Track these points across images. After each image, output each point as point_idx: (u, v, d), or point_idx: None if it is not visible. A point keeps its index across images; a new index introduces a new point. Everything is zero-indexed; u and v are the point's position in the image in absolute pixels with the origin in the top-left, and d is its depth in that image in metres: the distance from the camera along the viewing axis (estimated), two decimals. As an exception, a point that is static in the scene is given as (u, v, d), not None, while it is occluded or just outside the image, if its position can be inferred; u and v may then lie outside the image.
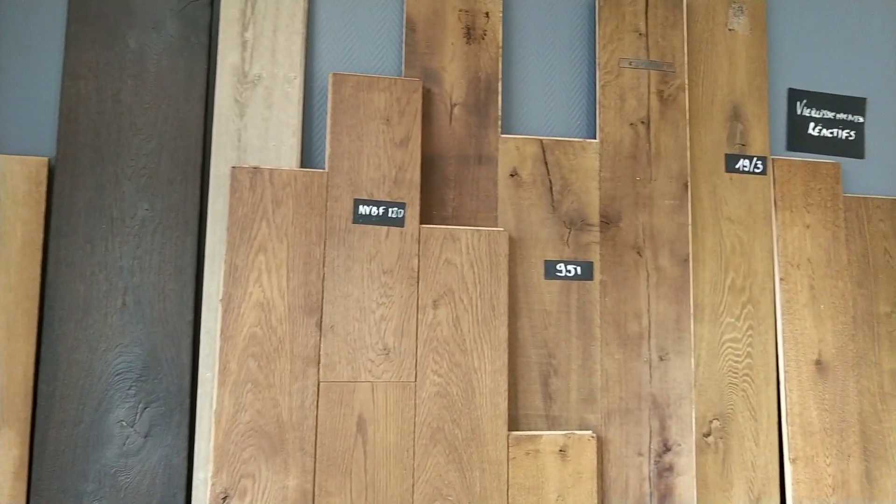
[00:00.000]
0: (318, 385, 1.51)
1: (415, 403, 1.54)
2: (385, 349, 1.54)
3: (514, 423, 1.63)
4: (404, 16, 1.70)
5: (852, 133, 1.97)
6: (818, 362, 1.81)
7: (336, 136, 1.58)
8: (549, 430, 1.64)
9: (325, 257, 1.55)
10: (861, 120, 1.98)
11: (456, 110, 1.69)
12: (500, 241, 1.62)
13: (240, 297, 1.51)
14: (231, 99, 1.59)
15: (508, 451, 1.57)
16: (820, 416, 1.79)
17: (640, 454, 1.67)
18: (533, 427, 1.64)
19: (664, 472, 1.67)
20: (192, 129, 1.58)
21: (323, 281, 1.54)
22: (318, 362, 1.52)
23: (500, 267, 1.62)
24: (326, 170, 1.57)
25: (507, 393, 1.58)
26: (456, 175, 1.67)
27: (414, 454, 1.53)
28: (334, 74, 1.60)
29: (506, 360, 1.59)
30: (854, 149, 1.97)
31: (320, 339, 1.52)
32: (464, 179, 1.67)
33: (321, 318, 1.53)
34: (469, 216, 1.67)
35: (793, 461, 1.76)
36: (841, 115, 1.96)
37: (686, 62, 1.81)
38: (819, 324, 1.83)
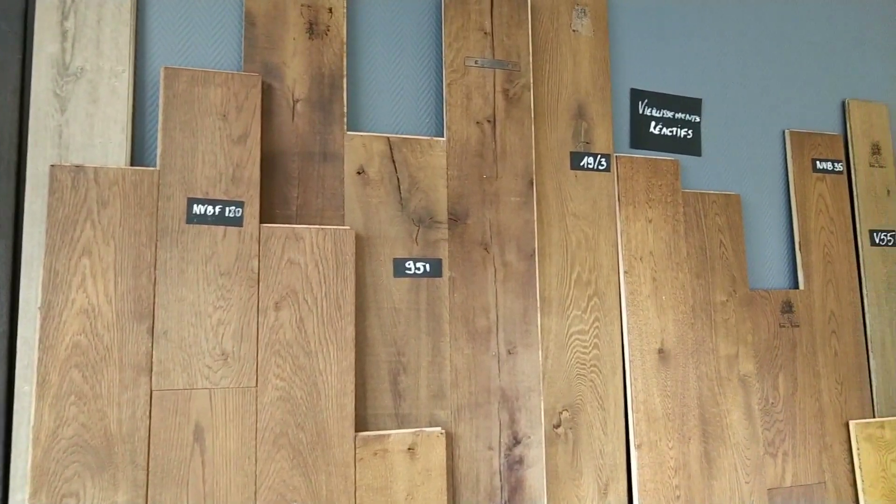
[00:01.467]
0: (151, 394, 1.44)
1: (256, 409, 1.49)
2: (223, 354, 1.48)
3: (362, 424, 1.60)
4: (243, 9, 1.64)
5: (690, 132, 2.08)
6: (661, 351, 1.90)
7: (168, 133, 1.51)
8: (399, 428, 1.63)
9: (156, 259, 1.47)
10: (698, 119, 2.09)
11: (299, 106, 1.65)
12: (346, 240, 1.60)
13: (61, 303, 1.41)
14: (50, 92, 1.49)
15: (356, 453, 1.55)
16: (663, 402, 1.88)
17: (490, 448, 1.68)
18: (382, 426, 1.62)
19: (514, 464, 1.70)
20: (5, 125, 1.46)
21: (155, 285, 1.47)
22: (151, 370, 1.44)
23: (347, 266, 1.59)
24: (158, 168, 1.50)
25: (354, 393, 1.56)
26: (300, 172, 1.63)
27: (256, 460, 1.48)
28: (166, 68, 1.52)
29: (353, 361, 1.57)
30: (692, 147, 2.08)
31: (152, 346, 1.45)
32: (308, 177, 1.64)
33: (153, 323, 1.45)
34: (314, 215, 1.63)
35: (638, 447, 1.83)
36: (679, 115, 2.07)
37: (531, 62, 1.86)
38: (661, 314, 1.92)
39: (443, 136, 1.76)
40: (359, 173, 1.67)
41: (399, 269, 1.67)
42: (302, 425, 1.51)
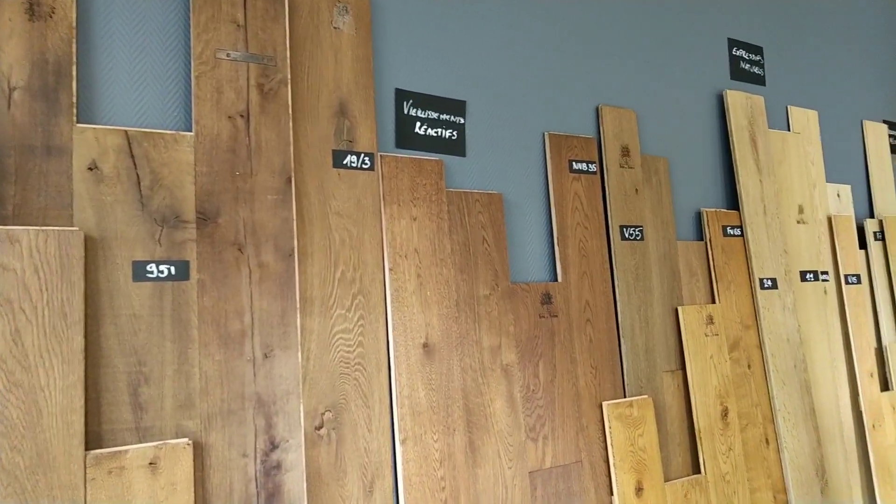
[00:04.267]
0: None
1: (-41, 434, 1.32)
2: (-85, 374, 1.30)
3: (97, 441, 1.48)
4: (-57, -18, 1.45)
5: (455, 133, 2.14)
6: (425, 345, 1.94)
7: None
8: (141, 442, 1.52)
9: None
10: (462, 121, 2.16)
11: (16, 95, 1.49)
12: (73, 242, 1.46)
13: None
14: None
15: (86, 473, 1.42)
16: (428, 395, 1.92)
17: (245, 455, 1.63)
18: (121, 442, 1.50)
19: (272, 470, 1.65)
20: None
21: None
22: None
23: (74, 271, 1.46)
24: None
25: (84, 409, 1.43)
26: (17, 168, 1.47)
27: (-41, 493, 1.31)
28: None
29: (82, 374, 1.44)
30: (456, 147, 2.14)
31: None
32: (28, 173, 1.48)
33: None
34: (36, 215, 1.48)
35: (403, 442, 1.86)
36: (444, 116, 2.13)
37: (288, 57, 1.81)
38: (426, 309, 1.96)
39: (191, 131, 1.67)
40: (90, 169, 1.54)
41: (139, 272, 1.56)
42: (18, 448, 1.37)
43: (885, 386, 3.18)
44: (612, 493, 2.20)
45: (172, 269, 1.60)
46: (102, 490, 1.43)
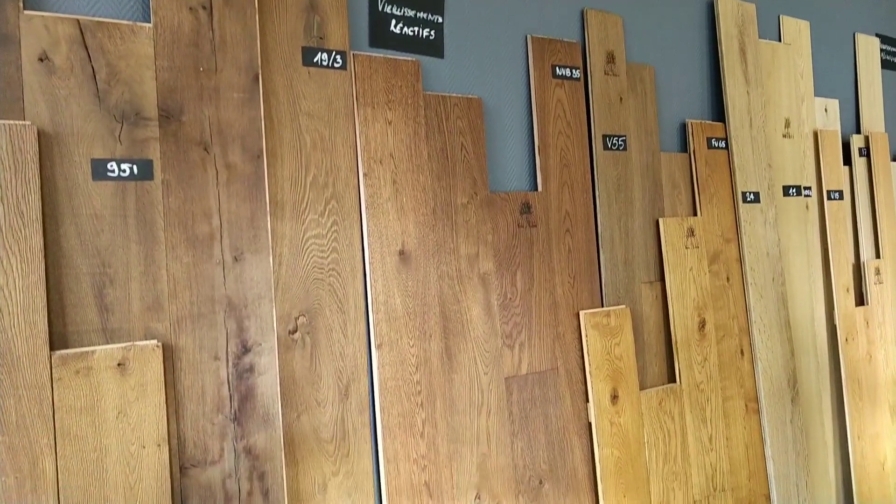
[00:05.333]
0: None
1: (-84, 332, 1.29)
2: None
3: (62, 342, 1.45)
4: None
5: (432, 32, 2.05)
6: (401, 252, 1.91)
7: None
8: (108, 344, 1.49)
9: None
10: (440, 20, 2.06)
11: (-44, -23, 1.38)
12: (26, 138, 1.39)
13: None
14: None
15: (52, 373, 1.40)
16: (404, 302, 1.90)
17: (216, 358, 1.61)
18: (87, 343, 1.48)
19: (244, 373, 1.64)
20: None
21: None
22: None
23: (29, 167, 1.39)
24: None
25: (46, 309, 1.40)
26: (-38, 57, 1.38)
27: (-80, 391, 1.29)
28: None
29: (43, 273, 1.39)
30: (434, 48, 2.05)
31: None
32: (-26, 63, 1.39)
33: None
34: (-15, 108, 1.40)
35: (378, 347, 1.85)
36: (421, 14, 2.03)
37: (253, -56, 1.70)
38: (402, 216, 1.92)
39: (149, 22, 1.57)
40: (41, 60, 1.45)
41: (99, 171, 1.50)
42: (-20, 347, 1.34)
43: (860, 301, 3.21)
44: (587, 400, 2.22)
45: (135, 168, 1.53)
46: (70, 390, 1.41)
